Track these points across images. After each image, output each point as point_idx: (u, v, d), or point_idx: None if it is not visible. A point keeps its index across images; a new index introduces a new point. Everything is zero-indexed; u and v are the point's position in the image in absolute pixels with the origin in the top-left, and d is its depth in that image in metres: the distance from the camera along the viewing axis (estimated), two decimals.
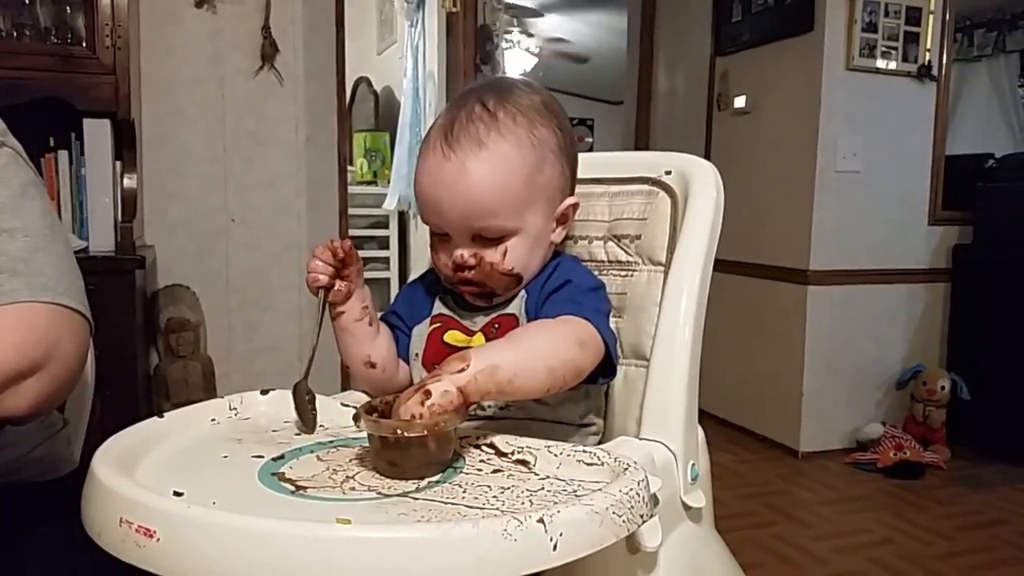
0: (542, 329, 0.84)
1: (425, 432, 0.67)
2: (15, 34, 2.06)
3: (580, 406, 0.92)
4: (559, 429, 0.90)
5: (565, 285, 0.89)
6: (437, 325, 0.94)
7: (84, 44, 2.09)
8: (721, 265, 0.93)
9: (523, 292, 0.92)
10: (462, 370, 0.72)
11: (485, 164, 0.84)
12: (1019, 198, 3.07)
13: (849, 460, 2.99)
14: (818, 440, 3.08)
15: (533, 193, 0.87)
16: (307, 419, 0.81)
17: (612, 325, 0.90)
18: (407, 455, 0.68)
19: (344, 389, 1.01)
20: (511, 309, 0.91)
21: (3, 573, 0.84)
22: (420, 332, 0.96)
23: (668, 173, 0.99)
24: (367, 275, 0.93)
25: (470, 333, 0.92)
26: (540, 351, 0.80)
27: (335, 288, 0.88)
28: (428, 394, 0.70)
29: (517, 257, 0.88)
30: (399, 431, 0.67)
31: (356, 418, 0.70)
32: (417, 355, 0.95)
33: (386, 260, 4.92)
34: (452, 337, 0.92)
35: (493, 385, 0.74)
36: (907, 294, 3.20)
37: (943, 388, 3.05)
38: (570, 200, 0.93)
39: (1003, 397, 3.01)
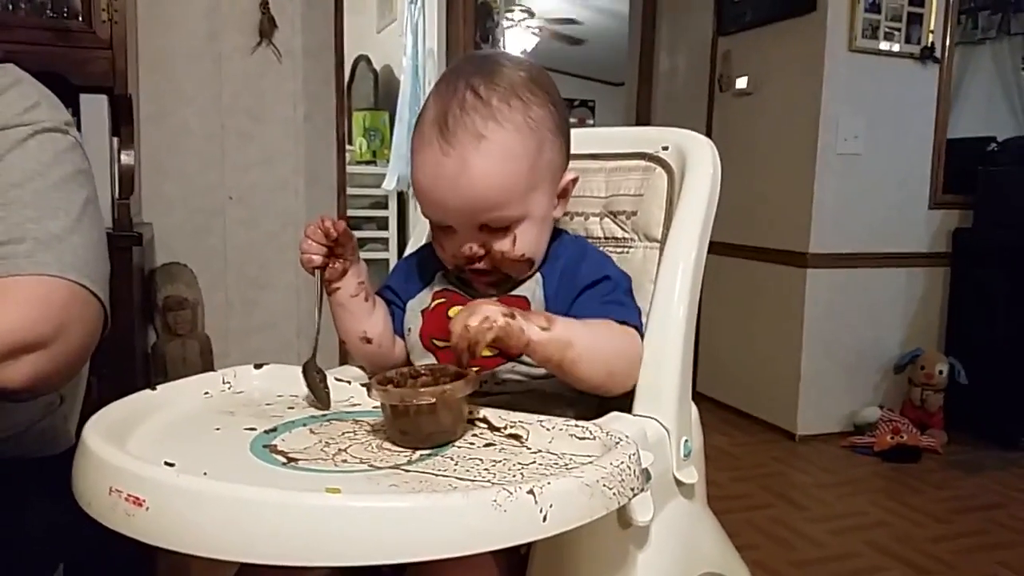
0: (617, 335, 0.85)
1: (433, 400, 0.67)
2: (11, 8, 2.04)
3: None
4: (555, 403, 0.90)
5: (603, 281, 0.89)
6: (441, 300, 0.94)
7: (80, 18, 2.06)
8: (720, 248, 0.93)
9: (538, 275, 0.91)
10: (544, 328, 0.76)
11: (487, 158, 0.82)
12: (1021, 182, 3.06)
13: (846, 443, 3.00)
14: (815, 423, 3.09)
15: (536, 177, 0.86)
16: (320, 396, 0.81)
17: None
18: (417, 423, 0.68)
19: (343, 364, 1.02)
20: (522, 291, 0.90)
21: (0, 547, 0.84)
22: (415, 307, 0.95)
23: (665, 149, 0.98)
24: (366, 256, 0.93)
25: None
26: (610, 353, 0.83)
27: (330, 266, 0.87)
28: (513, 316, 0.74)
29: (526, 242, 0.87)
30: (405, 399, 0.67)
31: (368, 388, 0.71)
32: (411, 329, 0.94)
33: (385, 241, 4.91)
34: (457, 312, 0.92)
35: (558, 356, 0.78)
36: (906, 278, 3.19)
37: (941, 372, 3.05)
38: (569, 175, 0.93)
39: (1001, 382, 3.01)
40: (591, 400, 0.94)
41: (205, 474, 0.59)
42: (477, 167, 0.81)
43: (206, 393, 0.83)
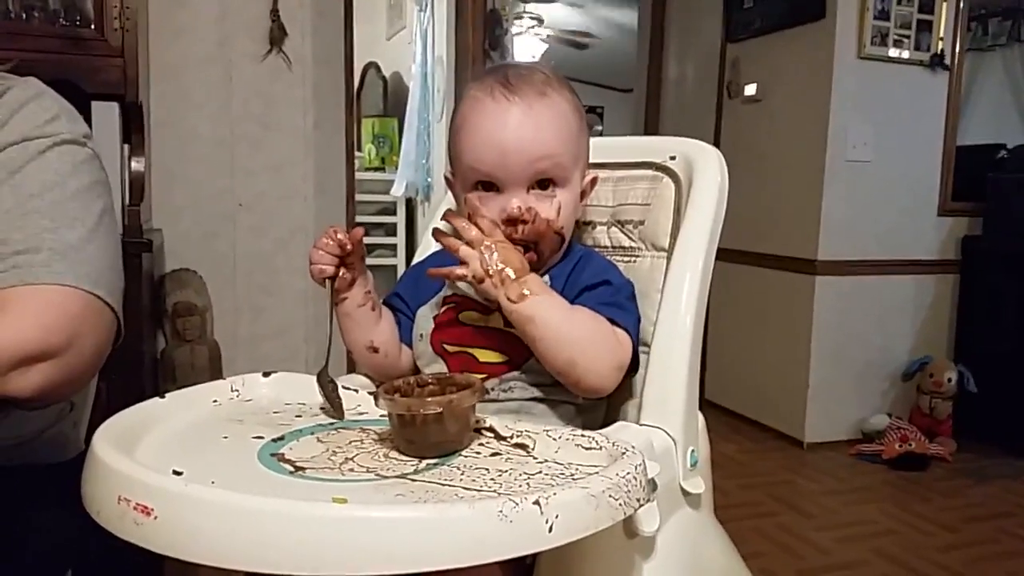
0: (599, 329, 0.85)
1: (440, 409, 0.67)
2: (24, 16, 2.06)
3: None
4: (563, 412, 0.90)
5: (603, 285, 0.90)
6: (451, 305, 0.94)
7: (93, 26, 2.08)
8: (729, 255, 0.93)
9: (547, 278, 0.92)
10: (511, 300, 0.81)
11: (550, 109, 0.88)
12: None
13: (854, 451, 2.98)
14: (823, 431, 3.07)
15: (578, 150, 0.92)
16: (336, 406, 0.81)
17: None
18: (424, 432, 0.69)
19: (350, 372, 1.02)
20: None
21: (9, 554, 0.84)
22: (426, 313, 0.96)
23: (672, 158, 0.98)
24: (374, 262, 0.93)
25: (488, 311, 0.92)
26: (578, 343, 0.83)
27: (339, 276, 0.88)
28: (483, 280, 0.82)
29: (567, 214, 0.91)
30: (412, 409, 0.68)
31: (375, 397, 0.71)
32: (422, 336, 0.95)
33: (393, 247, 4.92)
34: (469, 317, 0.93)
35: (520, 327, 0.83)
36: (915, 285, 3.18)
37: (950, 380, 3.04)
38: (591, 174, 0.96)
39: (1010, 390, 3.00)
40: (598, 410, 0.95)
41: (213, 483, 0.59)
42: (542, 114, 0.87)
43: (215, 401, 0.83)
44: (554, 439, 0.71)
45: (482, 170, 0.89)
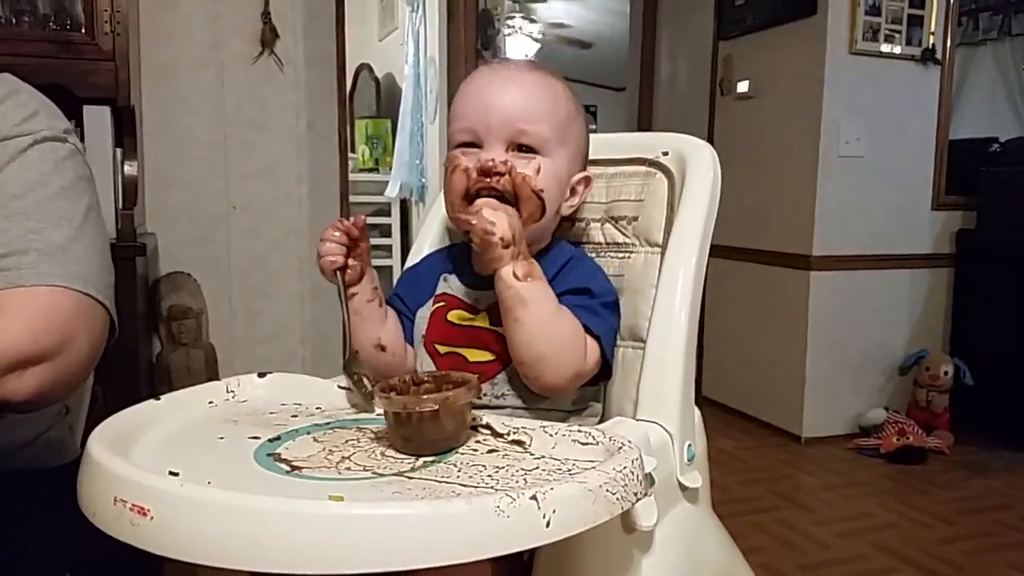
0: (575, 333, 0.85)
1: (436, 407, 0.67)
2: (14, 20, 2.06)
3: (572, 394, 0.91)
4: (554, 416, 0.89)
5: (585, 290, 0.89)
6: (441, 304, 0.94)
7: (83, 30, 2.07)
8: (724, 251, 0.94)
9: None
10: (516, 277, 0.82)
11: (540, 80, 0.91)
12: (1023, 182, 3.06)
13: (852, 445, 2.99)
14: (821, 425, 3.08)
15: (567, 134, 0.91)
16: (366, 395, 0.81)
17: None
18: (420, 430, 0.68)
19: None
20: None
21: (8, 558, 0.84)
22: (423, 314, 0.96)
23: (665, 154, 0.99)
24: None
25: (475, 311, 0.92)
26: (552, 341, 0.83)
27: (349, 267, 0.88)
28: (508, 246, 0.82)
29: (548, 181, 0.89)
30: (408, 407, 0.68)
31: (371, 396, 0.71)
32: (422, 337, 0.95)
33: (388, 248, 4.92)
34: (456, 316, 0.92)
35: (508, 304, 0.83)
36: (910, 279, 3.18)
37: (946, 373, 3.04)
38: (584, 173, 0.96)
39: (1006, 382, 3.00)
40: (592, 413, 0.94)
41: (209, 483, 0.59)
42: (528, 79, 0.90)
43: (210, 402, 0.83)
44: (551, 435, 0.71)
45: (465, 127, 0.90)
